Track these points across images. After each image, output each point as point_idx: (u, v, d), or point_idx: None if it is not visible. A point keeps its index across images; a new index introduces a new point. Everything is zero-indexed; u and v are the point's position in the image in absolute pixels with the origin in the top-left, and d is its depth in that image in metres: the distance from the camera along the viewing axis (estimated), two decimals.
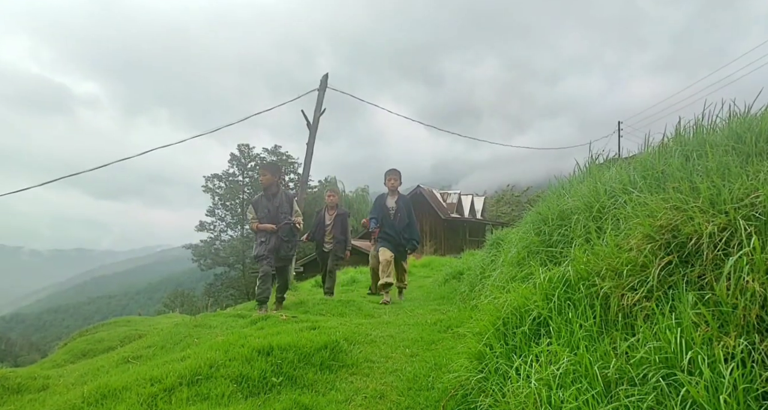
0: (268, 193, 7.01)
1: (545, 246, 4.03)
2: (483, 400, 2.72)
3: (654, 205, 2.87)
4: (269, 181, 7.02)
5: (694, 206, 2.57)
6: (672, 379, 1.90)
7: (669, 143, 3.93)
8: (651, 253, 2.56)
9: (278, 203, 6.91)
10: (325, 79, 12.39)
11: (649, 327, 2.24)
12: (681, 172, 3.18)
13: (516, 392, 2.44)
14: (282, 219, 6.86)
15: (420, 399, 3.27)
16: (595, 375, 2.16)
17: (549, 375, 2.34)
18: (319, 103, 12.28)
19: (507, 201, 44.82)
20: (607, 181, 3.95)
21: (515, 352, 2.83)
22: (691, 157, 3.33)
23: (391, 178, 7.76)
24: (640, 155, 4.27)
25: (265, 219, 6.86)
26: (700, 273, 2.33)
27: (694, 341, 1.96)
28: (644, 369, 2.03)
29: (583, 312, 2.68)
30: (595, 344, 2.44)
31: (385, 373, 3.82)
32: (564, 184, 5.23)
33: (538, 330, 2.88)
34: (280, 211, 6.88)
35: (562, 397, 2.17)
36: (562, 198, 4.52)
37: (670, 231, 2.57)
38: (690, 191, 2.78)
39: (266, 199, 7.00)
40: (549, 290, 3.01)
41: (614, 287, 2.61)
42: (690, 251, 2.44)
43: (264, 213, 6.90)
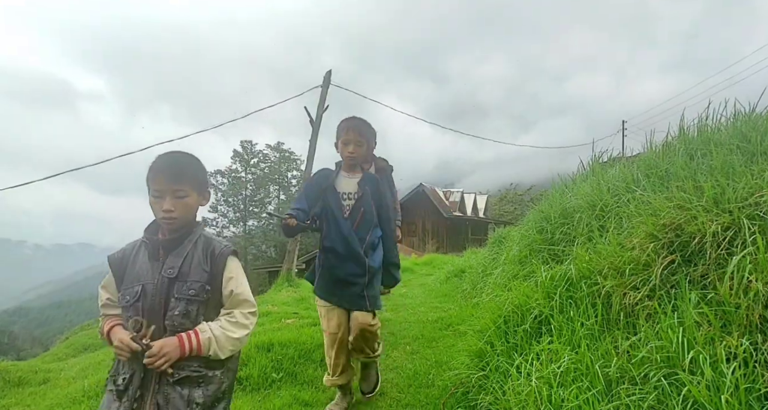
0: None
1: (547, 245, 4.01)
2: (483, 398, 2.71)
3: (657, 203, 2.85)
4: None
5: (698, 205, 2.56)
6: (673, 379, 1.89)
7: (673, 142, 3.91)
8: (654, 252, 2.54)
9: None
10: (328, 76, 12.36)
11: (651, 326, 2.23)
12: (685, 170, 3.16)
13: (516, 390, 2.44)
14: None
15: (420, 397, 3.27)
16: (596, 374, 2.15)
17: (550, 373, 2.33)
18: (323, 99, 12.25)
19: (510, 199, 44.77)
20: (611, 180, 3.93)
21: (516, 350, 2.82)
22: (696, 156, 3.31)
23: (354, 136, 3.12)
24: (644, 154, 4.25)
25: None
26: (703, 273, 2.32)
27: (696, 340, 1.95)
28: (646, 369, 2.02)
29: (584, 311, 2.66)
30: (596, 343, 2.43)
31: (386, 370, 3.82)
32: (567, 183, 5.21)
33: (540, 329, 2.88)
34: None
35: (563, 396, 2.17)
36: (565, 196, 4.50)
37: (673, 230, 2.56)
38: (694, 190, 2.77)
39: None
40: (551, 288, 3.01)
41: (616, 286, 2.60)
42: (693, 250, 2.42)
43: None
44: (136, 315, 1.70)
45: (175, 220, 1.75)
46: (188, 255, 1.78)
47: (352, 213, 2.98)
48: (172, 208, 1.72)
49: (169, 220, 1.73)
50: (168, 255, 1.77)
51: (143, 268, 1.77)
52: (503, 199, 45.75)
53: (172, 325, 1.70)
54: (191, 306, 1.72)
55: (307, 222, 2.87)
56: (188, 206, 1.77)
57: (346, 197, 3.02)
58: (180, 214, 1.75)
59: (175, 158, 1.77)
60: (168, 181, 1.72)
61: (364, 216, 2.99)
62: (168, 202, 1.72)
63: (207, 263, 1.78)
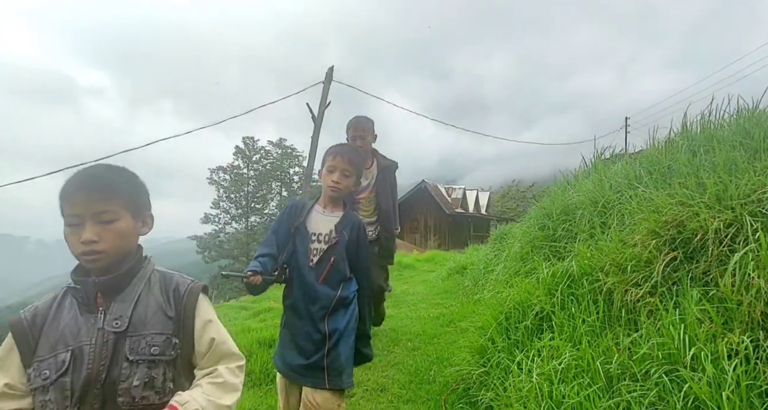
0: None
1: (549, 242, 4.01)
2: (484, 394, 2.72)
3: (659, 200, 2.84)
4: None
5: (700, 202, 2.55)
6: (674, 375, 1.89)
7: (676, 138, 3.90)
8: (656, 249, 2.54)
9: None
10: (330, 72, 12.34)
11: (653, 323, 2.23)
12: (687, 167, 3.15)
13: (517, 386, 2.44)
14: None
15: (421, 393, 3.27)
16: (597, 371, 2.16)
17: (551, 369, 2.33)
18: (324, 95, 12.24)
19: (512, 196, 44.76)
20: (613, 176, 3.92)
21: (517, 347, 2.82)
22: (698, 153, 3.30)
23: (341, 163, 2.39)
24: (647, 150, 4.24)
25: None
26: (705, 270, 2.32)
27: (698, 337, 1.95)
28: (647, 365, 2.02)
29: (586, 308, 2.66)
30: (597, 339, 2.43)
31: (387, 366, 3.82)
32: (569, 179, 5.20)
33: (541, 325, 2.88)
34: None
35: (564, 392, 2.17)
36: (567, 193, 4.49)
37: (675, 226, 2.55)
38: (696, 187, 2.76)
39: None
40: (552, 285, 3.00)
41: (618, 282, 2.60)
42: (695, 247, 2.42)
43: None
44: (63, 396, 1.17)
45: (102, 255, 1.23)
46: (141, 298, 1.29)
47: (320, 261, 2.28)
48: (95, 238, 1.21)
49: (92, 256, 1.23)
50: (110, 301, 1.27)
51: (72, 327, 1.25)
52: (505, 196, 45.74)
53: (130, 402, 1.20)
54: (155, 371, 1.23)
55: (274, 273, 2.25)
56: (120, 233, 1.26)
57: (316, 239, 2.31)
58: (109, 246, 1.24)
59: (97, 172, 1.29)
60: (87, 200, 1.23)
61: (335, 266, 2.29)
62: (89, 230, 1.22)
63: (170, 306, 1.31)
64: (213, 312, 1.38)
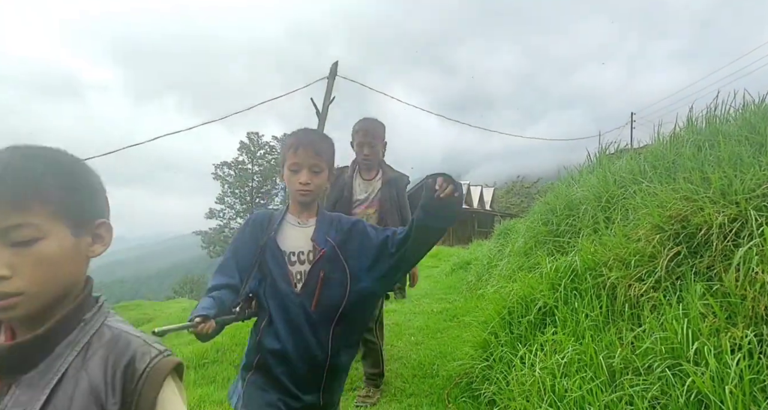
0: None
1: (553, 236, 4.00)
2: (487, 388, 2.73)
3: (664, 195, 2.83)
4: None
5: (705, 196, 2.54)
6: (677, 370, 1.89)
7: (681, 133, 3.87)
8: (659, 244, 2.53)
9: None
10: (334, 67, 12.31)
11: (656, 317, 2.23)
12: (692, 162, 3.14)
13: (520, 380, 2.45)
14: None
15: (424, 387, 3.29)
16: (600, 365, 2.16)
17: (553, 363, 2.34)
18: (329, 91, 12.21)
19: (516, 192, 44.62)
20: (617, 171, 3.91)
21: (520, 341, 2.83)
22: (703, 147, 3.28)
23: (308, 156, 1.80)
24: (652, 145, 4.22)
25: None
26: (709, 264, 2.31)
27: (701, 332, 1.95)
28: (650, 360, 2.02)
29: (589, 302, 2.66)
30: (600, 334, 2.43)
31: (390, 360, 3.84)
32: (573, 174, 5.19)
33: (544, 320, 2.88)
34: None
35: (566, 386, 2.17)
36: (571, 188, 4.48)
37: (679, 221, 2.54)
38: (701, 181, 2.75)
39: None
40: (555, 280, 3.00)
41: (621, 277, 2.59)
42: (699, 242, 2.41)
43: None
44: None
45: (15, 301, 0.75)
46: (65, 378, 0.77)
47: (307, 284, 1.74)
48: (3, 272, 0.74)
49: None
50: (11, 384, 0.76)
51: None
52: (510, 192, 45.60)
53: None
54: None
55: (235, 309, 1.70)
56: (45, 261, 0.77)
57: (297, 260, 1.77)
58: (26, 285, 0.75)
59: (6, 161, 0.78)
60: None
61: (328, 285, 1.74)
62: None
63: (113, 394, 0.77)
64: (180, 406, 0.83)
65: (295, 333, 1.73)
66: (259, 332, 1.77)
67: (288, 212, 1.86)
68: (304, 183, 1.76)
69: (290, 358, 1.73)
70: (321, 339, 1.75)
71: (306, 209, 1.84)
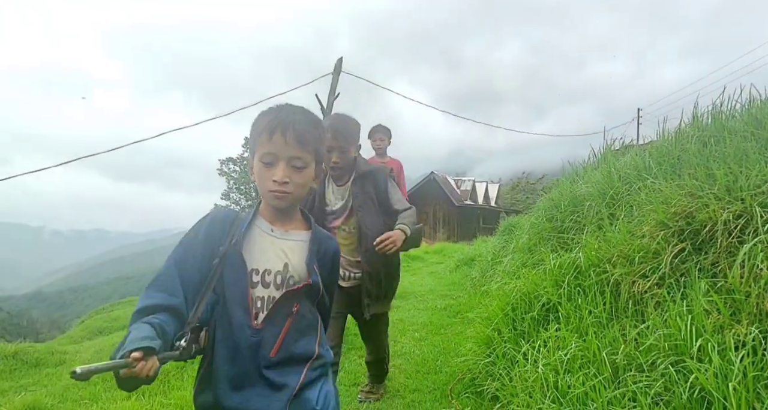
0: None
1: (557, 233, 3.99)
2: (490, 384, 2.73)
3: (668, 191, 2.82)
4: None
5: (710, 193, 2.52)
6: (681, 366, 1.89)
7: (686, 129, 3.85)
8: (664, 240, 2.52)
9: None
10: (339, 63, 12.30)
11: (660, 314, 2.22)
12: (697, 158, 3.12)
13: (523, 376, 2.45)
14: None
15: (428, 382, 3.29)
16: (603, 361, 2.15)
17: (556, 360, 2.34)
18: (333, 87, 12.21)
19: (522, 188, 44.51)
20: (622, 168, 3.89)
21: (523, 337, 2.83)
22: (709, 143, 3.26)
23: (279, 145, 1.33)
24: (657, 141, 4.19)
25: None
26: (714, 261, 2.30)
27: (705, 328, 1.94)
28: (653, 356, 2.02)
29: (592, 299, 2.66)
30: (604, 330, 2.43)
31: (394, 356, 3.85)
32: (578, 171, 5.17)
33: (547, 316, 2.88)
34: None
35: (569, 382, 2.17)
36: (576, 184, 4.46)
37: (684, 218, 2.53)
38: (706, 178, 2.73)
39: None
40: (559, 276, 3.00)
41: (625, 274, 2.59)
42: (704, 238, 2.40)
43: None
44: None
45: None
46: None
47: (272, 317, 1.31)
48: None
49: None
50: None
51: None
52: (515, 188, 45.49)
53: None
54: None
55: (179, 343, 1.21)
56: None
57: (260, 280, 1.34)
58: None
59: None
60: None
61: (298, 327, 1.35)
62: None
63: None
64: None
65: (238, 388, 1.26)
66: (197, 380, 1.32)
67: (258, 214, 1.41)
68: (280, 181, 1.31)
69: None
70: (277, 398, 1.26)
71: (283, 215, 1.41)
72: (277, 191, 1.32)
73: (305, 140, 1.33)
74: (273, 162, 1.32)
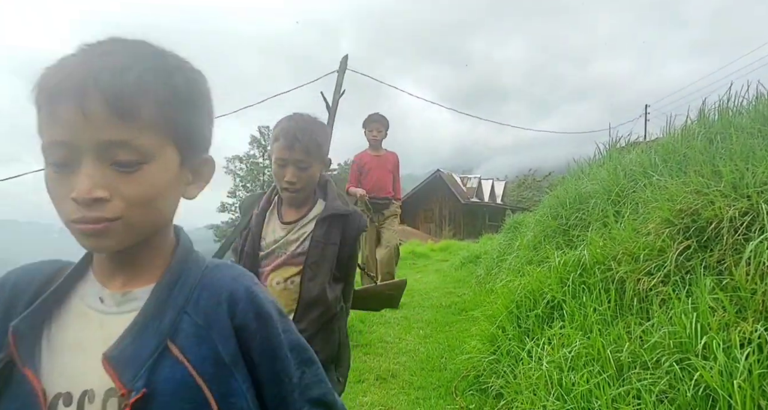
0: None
1: (562, 230, 3.99)
2: (495, 381, 2.73)
3: (674, 188, 2.81)
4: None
5: (716, 190, 2.51)
6: (686, 364, 1.88)
7: (692, 126, 3.82)
8: (669, 238, 2.51)
9: None
10: (344, 61, 12.29)
11: (665, 311, 2.22)
12: (703, 155, 3.10)
13: (527, 374, 2.45)
14: None
15: (432, 380, 3.30)
16: (607, 359, 2.15)
17: (561, 357, 2.34)
18: (339, 85, 12.20)
19: (528, 185, 44.32)
20: (627, 165, 3.87)
21: (528, 335, 2.83)
22: (715, 140, 3.24)
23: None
24: (663, 138, 4.17)
25: None
26: (719, 258, 2.29)
27: (710, 326, 1.93)
28: (658, 354, 2.01)
29: (597, 296, 2.65)
30: (608, 328, 2.42)
31: (399, 353, 3.85)
32: (583, 168, 5.15)
33: (552, 314, 2.88)
34: None
35: (574, 380, 2.17)
36: (581, 181, 4.45)
37: (689, 215, 2.52)
38: (712, 175, 2.71)
39: None
40: (564, 274, 3.00)
41: (630, 271, 2.58)
42: (709, 235, 2.39)
43: None
44: None
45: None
46: None
47: None
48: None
49: None
50: None
51: None
52: (521, 185, 45.31)
53: None
54: None
55: None
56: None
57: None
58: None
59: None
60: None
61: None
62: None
63: None
64: None
65: None
66: None
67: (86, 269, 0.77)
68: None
69: None
70: None
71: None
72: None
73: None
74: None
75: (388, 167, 5.37)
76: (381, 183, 5.26)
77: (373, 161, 5.32)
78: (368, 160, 5.32)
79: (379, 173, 5.29)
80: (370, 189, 5.17)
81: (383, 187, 5.30)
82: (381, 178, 5.27)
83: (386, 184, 5.33)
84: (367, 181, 5.23)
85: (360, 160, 5.37)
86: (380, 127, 5.25)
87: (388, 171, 5.36)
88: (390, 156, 5.49)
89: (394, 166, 5.47)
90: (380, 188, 5.28)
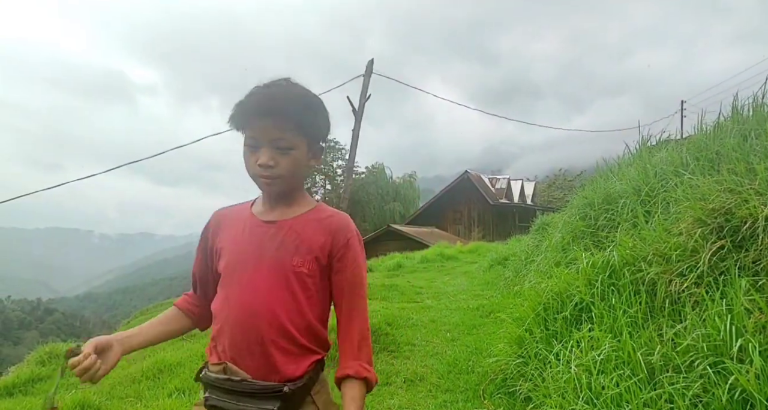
0: None
1: (590, 231, 3.92)
2: (522, 385, 2.71)
3: (706, 187, 2.73)
4: None
5: (750, 188, 2.43)
6: (720, 367, 1.83)
7: (726, 123, 3.70)
8: (702, 238, 2.44)
9: None
10: (370, 65, 12.38)
11: (698, 313, 2.16)
12: (737, 152, 3.00)
13: (555, 377, 2.42)
14: None
15: (460, 383, 3.29)
16: (638, 362, 2.11)
17: (590, 360, 2.30)
18: (365, 89, 12.30)
19: (559, 185, 43.55)
20: (658, 164, 3.78)
21: (555, 338, 2.79)
22: (749, 137, 3.13)
23: None
24: (694, 136, 4.05)
25: None
26: (755, 259, 2.21)
27: (746, 328, 1.88)
28: (691, 357, 1.96)
29: (627, 298, 2.60)
30: (639, 330, 2.37)
31: (426, 356, 3.86)
32: (612, 167, 5.05)
33: (580, 316, 2.83)
34: None
35: (603, 383, 2.14)
36: (609, 181, 4.36)
37: (723, 214, 2.44)
38: (746, 173, 2.63)
39: None
40: (592, 275, 2.94)
41: (662, 273, 2.52)
42: (744, 235, 2.31)
43: None
44: None
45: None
46: None
47: None
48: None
49: None
50: None
51: None
52: (552, 185, 44.55)
53: None
54: None
55: None
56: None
57: None
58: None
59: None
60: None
61: None
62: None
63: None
64: None
65: None
66: None
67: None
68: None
69: None
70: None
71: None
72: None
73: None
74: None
75: None
76: None
77: None
78: None
79: None
80: None
81: None
82: None
83: None
84: None
85: None
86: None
87: None
88: None
89: None
90: None
